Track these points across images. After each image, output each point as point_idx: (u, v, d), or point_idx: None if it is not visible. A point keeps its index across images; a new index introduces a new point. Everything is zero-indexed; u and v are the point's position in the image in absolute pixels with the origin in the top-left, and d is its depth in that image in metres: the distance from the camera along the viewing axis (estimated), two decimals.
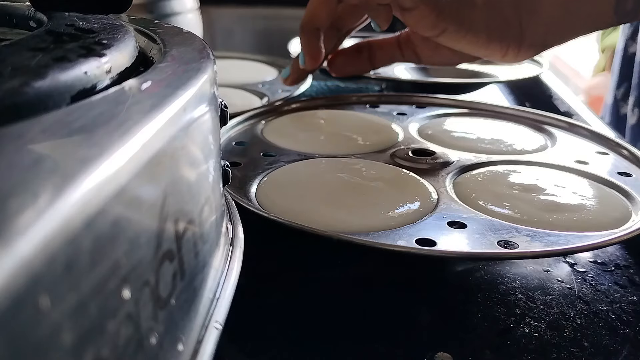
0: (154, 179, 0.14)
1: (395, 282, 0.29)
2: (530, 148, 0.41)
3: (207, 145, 0.19)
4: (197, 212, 0.18)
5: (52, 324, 0.10)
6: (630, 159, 0.39)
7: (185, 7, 0.61)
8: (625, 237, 0.28)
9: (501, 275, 0.30)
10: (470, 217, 0.30)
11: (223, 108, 0.23)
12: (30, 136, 0.12)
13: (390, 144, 0.41)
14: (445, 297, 0.28)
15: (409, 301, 0.28)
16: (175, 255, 0.16)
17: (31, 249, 0.09)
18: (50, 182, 0.10)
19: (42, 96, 0.14)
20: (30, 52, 0.16)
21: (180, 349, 0.16)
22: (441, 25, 0.41)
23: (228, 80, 0.57)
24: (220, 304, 0.19)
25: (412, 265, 0.30)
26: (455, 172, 0.36)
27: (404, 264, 0.30)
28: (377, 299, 0.28)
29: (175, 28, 0.24)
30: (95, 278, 0.11)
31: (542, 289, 0.29)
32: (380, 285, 0.29)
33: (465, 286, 0.29)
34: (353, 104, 0.50)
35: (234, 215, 0.25)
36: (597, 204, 0.32)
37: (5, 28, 0.24)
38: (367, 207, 0.31)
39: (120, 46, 0.18)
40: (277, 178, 0.35)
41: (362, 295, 0.28)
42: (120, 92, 0.15)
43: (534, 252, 0.28)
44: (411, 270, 0.30)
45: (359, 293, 0.28)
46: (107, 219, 0.11)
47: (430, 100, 0.51)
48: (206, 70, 0.19)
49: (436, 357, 0.24)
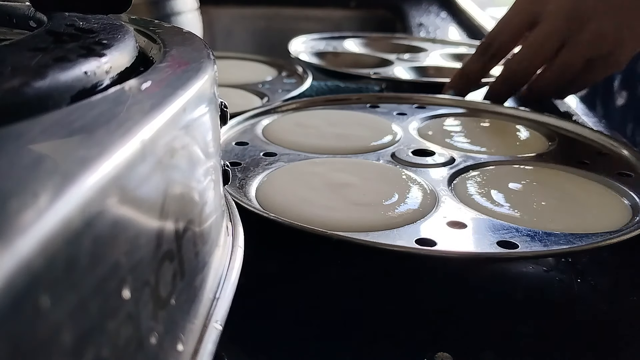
0: (154, 179, 0.14)
1: (395, 282, 0.29)
2: (530, 148, 0.41)
3: (207, 145, 0.19)
4: (197, 212, 0.18)
5: (52, 323, 0.10)
6: (630, 159, 0.39)
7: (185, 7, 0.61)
8: (625, 237, 0.28)
9: (501, 275, 0.30)
10: (470, 217, 0.30)
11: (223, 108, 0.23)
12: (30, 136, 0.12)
13: (390, 144, 0.41)
14: (445, 297, 0.28)
15: (409, 301, 0.28)
16: (175, 255, 0.16)
17: (31, 249, 0.09)
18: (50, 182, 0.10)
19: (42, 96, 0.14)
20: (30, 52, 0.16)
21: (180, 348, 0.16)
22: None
23: (228, 80, 0.57)
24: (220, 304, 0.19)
25: (412, 265, 0.30)
26: (455, 172, 0.36)
27: (403, 264, 0.30)
28: (377, 298, 0.28)
29: (175, 28, 0.24)
30: (95, 278, 0.11)
31: (542, 289, 0.29)
32: (380, 285, 0.29)
33: (465, 286, 0.29)
34: (353, 103, 0.50)
35: (234, 215, 0.25)
36: (597, 204, 0.32)
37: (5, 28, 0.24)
38: (367, 207, 0.31)
39: (120, 46, 0.18)
40: (277, 178, 0.35)
41: (362, 295, 0.28)
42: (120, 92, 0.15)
43: (534, 252, 0.28)
44: (411, 270, 0.30)
45: (359, 293, 0.28)
46: (107, 219, 0.11)
47: (430, 100, 0.51)
48: (206, 70, 0.19)
49: (436, 357, 0.24)
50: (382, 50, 0.74)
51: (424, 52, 0.73)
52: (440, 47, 0.77)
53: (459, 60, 0.69)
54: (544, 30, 0.48)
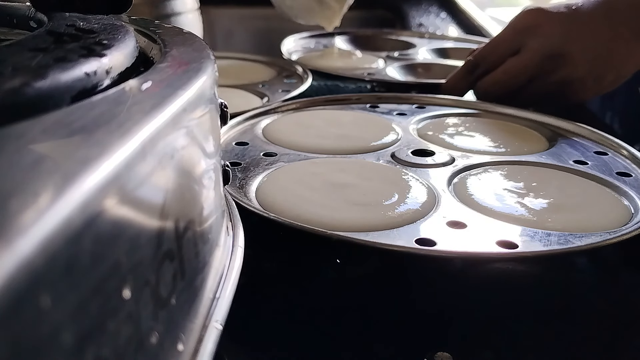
0: (154, 179, 0.14)
1: (395, 282, 0.29)
2: (530, 148, 0.41)
3: (207, 145, 0.19)
4: (198, 212, 0.18)
5: (53, 323, 0.10)
6: (630, 159, 0.39)
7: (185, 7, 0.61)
8: (625, 237, 0.28)
9: (501, 275, 0.30)
10: (470, 217, 0.30)
11: (223, 108, 0.23)
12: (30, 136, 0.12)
13: (390, 144, 0.41)
14: (445, 297, 0.28)
15: (409, 301, 0.28)
16: (176, 255, 0.16)
17: (31, 249, 0.09)
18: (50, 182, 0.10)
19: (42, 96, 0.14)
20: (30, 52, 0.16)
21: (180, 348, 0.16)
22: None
23: (228, 80, 0.57)
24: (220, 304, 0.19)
25: (412, 265, 0.30)
26: (455, 172, 0.36)
27: (403, 264, 0.30)
28: (376, 298, 0.28)
29: (175, 28, 0.24)
30: (95, 278, 0.11)
31: (542, 289, 0.29)
32: (380, 285, 0.29)
33: (465, 286, 0.29)
34: (353, 103, 0.50)
35: (234, 215, 0.25)
36: (597, 204, 0.32)
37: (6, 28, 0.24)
38: (367, 207, 0.31)
39: (121, 46, 0.18)
40: (277, 178, 0.35)
41: (361, 295, 0.28)
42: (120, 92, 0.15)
43: (534, 252, 0.28)
44: (411, 270, 0.30)
45: (359, 293, 0.28)
46: (107, 218, 0.11)
47: (430, 100, 0.51)
48: (206, 70, 0.19)
49: (436, 357, 0.24)
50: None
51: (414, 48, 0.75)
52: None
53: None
54: (520, 62, 0.52)
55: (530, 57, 0.51)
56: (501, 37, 0.54)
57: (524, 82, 0.51)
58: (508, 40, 0.53)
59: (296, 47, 0.74)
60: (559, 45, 0.50)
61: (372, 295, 0.28)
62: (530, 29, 0.51)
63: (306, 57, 0.71)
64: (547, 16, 0.51)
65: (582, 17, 0.51)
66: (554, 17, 0.51)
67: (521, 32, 0.52)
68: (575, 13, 0.51)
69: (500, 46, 0.54)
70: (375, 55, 0.71)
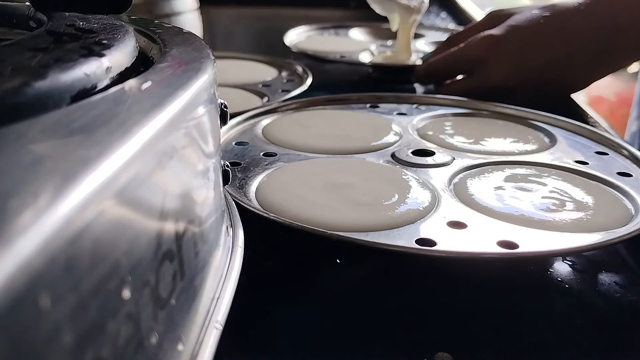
0: (154, 179, 0.14)
1: (395, 282, 0.29)
2: (530, 148, 0.41)
3: (207, 145, 0.19)
4: (197, 212, 0.18)
5: (53, 323, 0.10)
6: (630, 159, 0.39)
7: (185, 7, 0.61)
8: (625, 237, 0.28)
9: (501, 275, 0.30)
10: (470, 217, 0.30)
11: (223, 108, 0.23)
12: (30, 136, 0.12)
13: (390, 144, 0.41)
14: (445, 297, 0.28)
15: (409, 301, 0.28)
16: (175, 255, 0.16)
17: (31, 249, 0.09)
18: (50, 182, 0.10)
19: (42, 96, 0.14)
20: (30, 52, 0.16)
21: (180, 348, 0.16)
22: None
23: (228, 80, 0.57)
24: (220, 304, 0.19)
25: (412, 265, 0.30)
26: (455, 172, 0.36)
27: (404, 264, 0.30)
28: (377, 298, 0.28)
29: (175, 28, 0.24)
30: (95, 278, 0.11)
31: (542, 289, 0.29)
32: (380, 285, 0.29)
33: (465, 286, 0.29)
34: (353, 103, 0.50)
35: (234, 215, 0.25)
36: (597, 204, 0.32)
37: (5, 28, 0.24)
38: (367, 207, 0.31)
39: (120, 46, 0.18)
40: (277, 178, 0.35)
41: (362, 295, 0.28)
42: (120, 92, 0.15)
43: (534, 252, 0.28)
44: (411, 270, 0.30)
45: (359, 293, 0.28)
46: (107, 219, 0.11)
47: (430, 100, 0.51)
48: (206, 70, 0.19)
49: (436, 357, 0.24)
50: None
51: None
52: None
53: None
54: (480, 76, 0.54)
55: (474, 87, 0.53)
56: (455, 57, 0.56)
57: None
58: (459, 63, 0.56)
59: (299, 38, 0.75)
60: (502, 82, 0.52)
61: (371, 295, 0.28)
62: (481, 62, 0.53)
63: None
64: (500, 48, 0.52)
65: (538, 45, 0.52)
66: (505, 50, 0.52)
67: (471, 61, 0.54)
68: (532, 37, 0.52)
69: (454, 65, 0.56)
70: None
